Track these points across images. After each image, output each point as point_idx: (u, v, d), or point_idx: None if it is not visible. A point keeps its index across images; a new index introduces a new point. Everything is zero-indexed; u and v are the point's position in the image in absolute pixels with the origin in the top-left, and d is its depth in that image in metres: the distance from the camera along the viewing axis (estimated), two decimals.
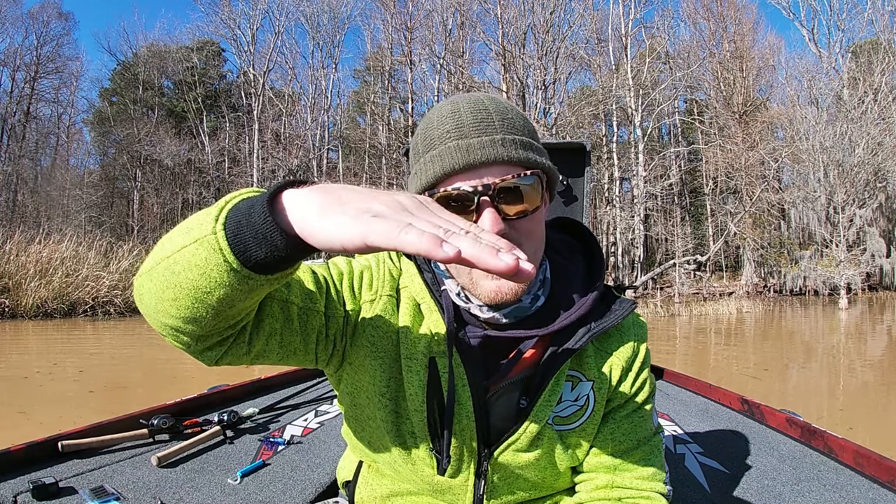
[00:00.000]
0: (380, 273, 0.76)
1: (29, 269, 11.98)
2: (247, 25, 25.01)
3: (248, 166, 24.30)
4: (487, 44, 23.06)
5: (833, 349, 8.66)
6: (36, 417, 4.24)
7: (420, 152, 0.69)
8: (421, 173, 0.67)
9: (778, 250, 19.80)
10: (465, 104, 0.67)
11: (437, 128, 0.67)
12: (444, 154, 0.65)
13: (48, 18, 24.04)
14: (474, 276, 0.68)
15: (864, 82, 19.70)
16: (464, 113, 0.66)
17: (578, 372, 0.76)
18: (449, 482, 0.76)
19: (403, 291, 0.76)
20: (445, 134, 0.66)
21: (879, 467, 1.24)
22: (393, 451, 0.77)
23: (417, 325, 0.74)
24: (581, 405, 0.76)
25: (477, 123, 0.65)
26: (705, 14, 24.99)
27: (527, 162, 0.66)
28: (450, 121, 0.66)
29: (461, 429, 0.73)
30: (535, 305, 0.73)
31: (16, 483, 1.18)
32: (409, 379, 0.73)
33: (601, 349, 0.78)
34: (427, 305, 0.74)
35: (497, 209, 0.64)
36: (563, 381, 0.74)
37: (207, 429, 1.57)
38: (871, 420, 4.48)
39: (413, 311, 0.75)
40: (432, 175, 0.65)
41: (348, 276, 0.75)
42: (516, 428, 0.74)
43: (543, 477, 0.78)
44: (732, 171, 21.28)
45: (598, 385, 0.76)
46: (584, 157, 1.87)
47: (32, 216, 20.41)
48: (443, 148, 0.65)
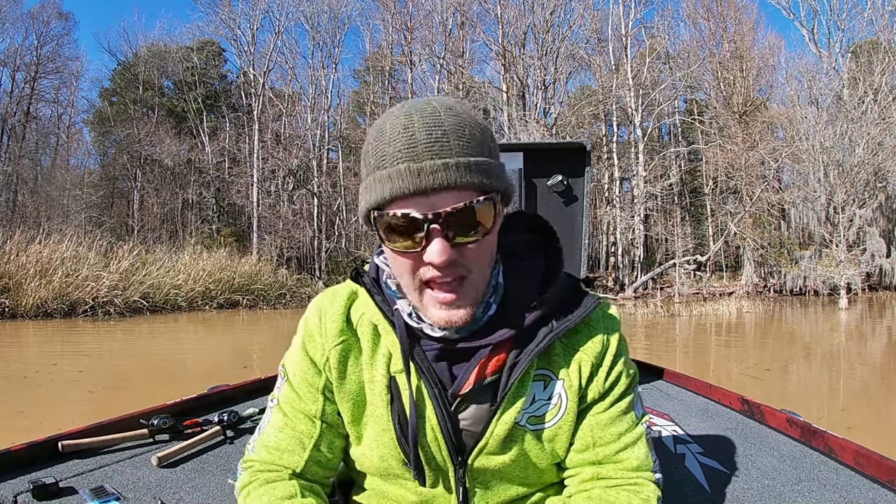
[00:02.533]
0: (323, 328, 0.78)
1: (29, 269, 11.98)
2: (247, 25, 25.01)
3: (248, 166, 24.29)
4: (487, 44, 23.12)
5: (833, 349, 8.66)
6: (35, 417, 4.24)
7: (370, 165, 0.66)
8: (370, 190, 0.65)
9: (778, 250, 19.79)
10: (420, 120, 0.63)
11: (388, 143, 0.64)
12: (394, 176, 0.62)
13: (48, 18, 24.05)
14: (424, 302, 0.69)
15: (864, 82, 19.68)
16: (418, 131, 0.63)
17: (548, 370, 0.76)
18: (432, 492, 0.78)
19: (361, 320, 0.78)
20: (397, 153, 0.62)
21: (879, 467, 1.24)
22: (376, 474, 0.81)
23: (376, 347, 0.77)
24: (555, 403, 0.76)
25: (430, 144, 0.62)
26: (705, 14, 25.00)
27: (480, 186, 0.64)
28: (402, 138, 0.63)
29: (430, 441, 0.75)
30: (487, 314, 0.73)
31: (16, 483, 1.18)
32: (372, 401, 0.76)
33: (569, 346, 0.77)
34: (382, 326, 0.75)
35: (446, 237, 0.63)
36: (529, 381, 0.75)
37: (207, 429, 1.57)
38: (871, 420, 4.48)
39: (372, 334, 0.77)
40: (380, 196, 0.63)
41: (303, 372, 0.79)
42: (483, 432, 0.74)
43: (526, 476, 0.79)
44: (732, 171, 21.27)
45: (569, 383, 0.76)
46: (584, 157, 1.88)
47: (32, 216, 20.38)
48: (392, 170, 0.62)
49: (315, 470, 0.79)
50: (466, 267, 0.67)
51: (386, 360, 0.75)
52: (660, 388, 2.18)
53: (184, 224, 24.61)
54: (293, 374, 0.80)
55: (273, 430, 0.79)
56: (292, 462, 0.77)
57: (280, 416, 0.79)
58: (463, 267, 0.66)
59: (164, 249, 16.59)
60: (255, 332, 11.58)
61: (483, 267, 0.69)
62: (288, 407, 0.79)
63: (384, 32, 25.94)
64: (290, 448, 0.78)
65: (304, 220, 23.81)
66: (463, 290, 0.68)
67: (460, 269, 0.66)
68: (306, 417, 0.78)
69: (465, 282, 0.68)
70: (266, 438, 0.79)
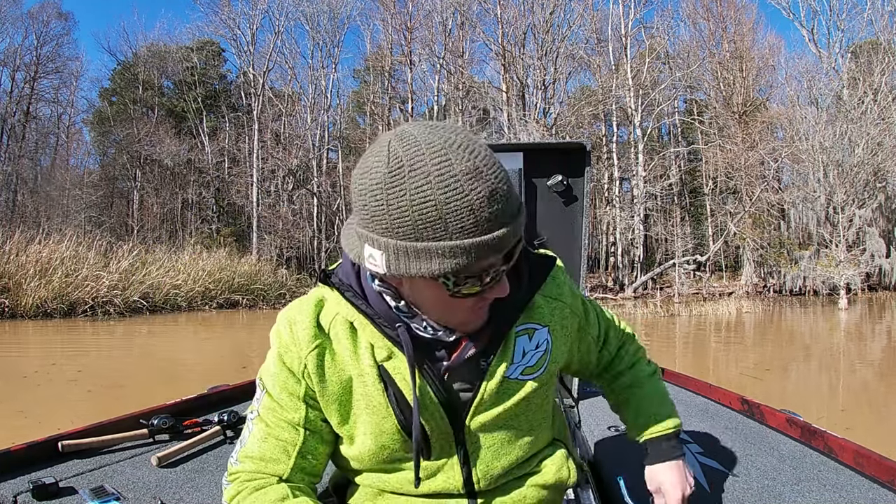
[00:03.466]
0: (295, 337, 0.77)
1: (29, 269, 11.98)
2: (246, 25, 25.00)
3: (248, 166, 24.27)
4: (487, 44, 23.08)
5: (833, 349, 8.67)
6: (34, 417, 4.25)
7: (427, 234, 0.60)
8: (445, 258, 0.61)
9: (777, 250, 19.78)
10: (492, 174, 0.61)
11: (476, 211, 0.59)
12: (480, 246, 0.61)
13: (48, 18, 24.01)
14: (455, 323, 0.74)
15: (863, 82, 19.68)
16: (499, 191, 0.61)
17: (532, 323, 0.82)
18: (436, 464, 0.81)
19: (335, 321, 0.78)
20: (487, 223, 0.60)
21: (879, 467, 1.24)
22: (375, 467, 0.82)
23: (356, 342, 0.78)
24: (543, 350, 0.83)
25: (502, 213, 0.61)
26: (705, 14, 24.98)
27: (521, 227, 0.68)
28: (492, 204, 0.60)
29: (430, 413, 0.78)
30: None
31: (16, 483, 1.18)
32: (366, 394, 0.77)
33: (546, 295, 0.85)
34: (358, 321, 0.77)
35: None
36: (512, 339, 0.80)
37: (207, 429, 1.57)
38: (870, 420, 4.48)
39: (349, 332, 0.78)
40: (464, 262, 0.62)
41: (282, 382, 0.79)
42: (476, 391, 0.78)
43: (527, 425, 0.84)
44: (732, 171, 21.26)
45: (553, 327, 0.84)
46: (584, 157, 1.87)
47: (32, 216, 20.37)
48: (476, 241, 0.60)
49: (300, 477, 0.79)
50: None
51: (370, 351, 0.76)
52: None
53: (183, 224, 24.60)
54: (272, 385, 0.79)
55: (256, 441, 0.79)
56: (277, 470, 0.78)
57: (262, 426, 0.79)
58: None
59: (164, 249, 16.59)
60: (255, 332, 11.58)
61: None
62: (269, 417, 0.79)
63: (384, 32, 25.95)
64: (275, 457, 0.78)
65: (303, 220, 23.82)
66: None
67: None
68: (289, 425, 0.78)
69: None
70: (249, 449, 0.79)
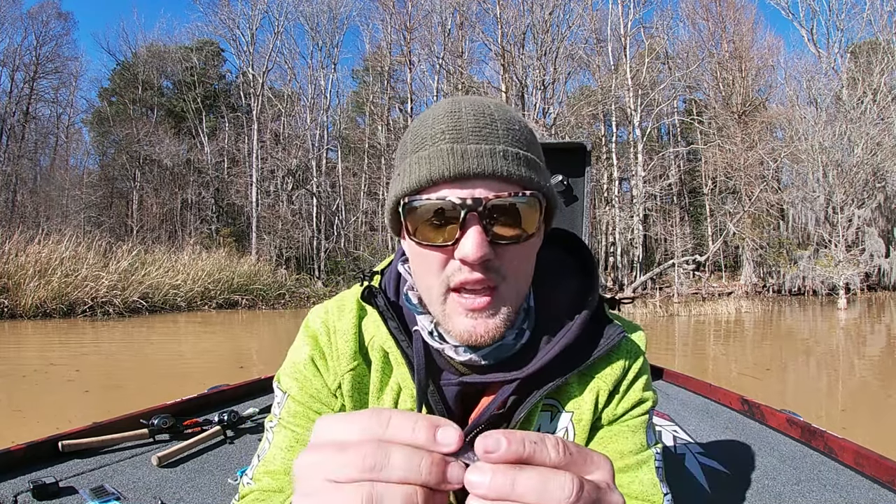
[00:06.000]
0: (334, 348, 0.69)
1: (28, 269, 11.96)
2: (246, 26, 25.01)
3: (248, 166, 24.27)
4: (486, 44, 23.09)
5: (832, 349, 8.67)
6: (33, 416, 4.24)
7: (408, 151, 0.59)
8: (405, 175, 0.58)
9: (777, 250, 19.80)
10: (468, 104, 0.58)
11: (431, 126, 0.58)
12: (434, 156, 0.55)
13: (47, 18, 24.03)
14: (448, 309, 0.60)
15: (863, 82, 19.71)
16: (465, 113, 0.57)
17: (556, 400, 0.69)
18: None
19: (372, 343, 0.69)
20: (440, 134, 0.56)
21: (879, 467, 1.24)
22: None
23: (385, 379, 0.69)
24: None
25: (478, 128, 0.56)
26: (704, 14, 25.01)
27: (528, 182, 0.57)
28: (447, 120, 0.57)
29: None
30: (520, 342, 0.65)
31: (16, 483, 1.18)
32: None
33: (585, 374, 0.69)
34: (394, 356, 0.67)
35: (485, 229, 0.55)
36: (536, 413, 0.68)
37: (207, 429, 1.57)
38: (870, 420, 4.48)
39: (382, 362, 0.69)
40: (417, 179, 0.56)
41: (315, 389, 0.70)
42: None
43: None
44: (731, 171, 21.28)
45: (578, 416, 0.69)
46: (584, 157, 1.87)
47: (32, 216, 20.36)
48: (434, 149, 0.56)
49: None
50: (501, 273, 0.58)
51: (394, 395, 0.68)
52: (660, 388, 2.18)
53: (183, 224, 24.58)
54: (300, 387, 0.70)
55: (280, 452, 0.68)
56: None
57: (287, 433, 0.69)
58: (497, 273, 0.58)
59: (163, 249, 16.58)
60: (254, 332, 11.58)
61: (519, 278, 0.61)
62: (297, 421, 0.69)
63: (383, 32, 25.98)
64: None
65: (303, 221, 23.81)
66: (494, 300, 0.59)
67: (493, 274, 0.57)
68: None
69: (497, 292, 0.59)
70: (270, 464, 0.68)
